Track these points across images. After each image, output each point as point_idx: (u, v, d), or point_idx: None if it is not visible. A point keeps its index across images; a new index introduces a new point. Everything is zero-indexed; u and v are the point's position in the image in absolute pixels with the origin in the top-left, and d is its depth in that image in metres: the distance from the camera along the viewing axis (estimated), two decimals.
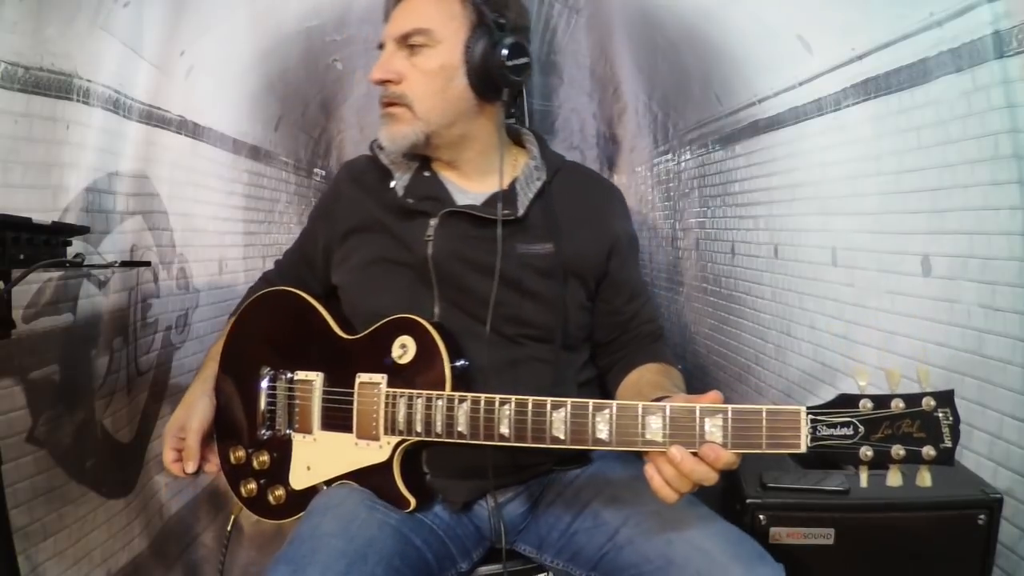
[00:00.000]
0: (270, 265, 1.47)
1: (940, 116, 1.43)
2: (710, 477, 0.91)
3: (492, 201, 1.23)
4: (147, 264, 1.88)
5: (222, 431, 1.28)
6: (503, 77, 1.20)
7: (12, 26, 1.35)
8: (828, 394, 1.78)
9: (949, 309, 1.44)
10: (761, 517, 1.24)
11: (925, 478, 0.87)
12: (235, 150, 2.33)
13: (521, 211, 1.22)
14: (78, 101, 1.54)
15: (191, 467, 1.22)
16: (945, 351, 1.45)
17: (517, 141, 1.35)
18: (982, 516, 1.21)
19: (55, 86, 1.47)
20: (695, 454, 0.91)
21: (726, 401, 0.96)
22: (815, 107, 1.77)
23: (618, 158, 2.74)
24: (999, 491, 1.23)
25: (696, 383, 1.40)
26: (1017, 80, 1.26)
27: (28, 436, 1.45)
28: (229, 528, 1.33)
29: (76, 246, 1.32)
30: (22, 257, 1.15)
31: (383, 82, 1.21)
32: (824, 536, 1.24)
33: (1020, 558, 1.32)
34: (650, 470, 0.95)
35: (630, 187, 2.76)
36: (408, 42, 1.20)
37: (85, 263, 1.28)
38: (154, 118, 1.86)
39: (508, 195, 1.24)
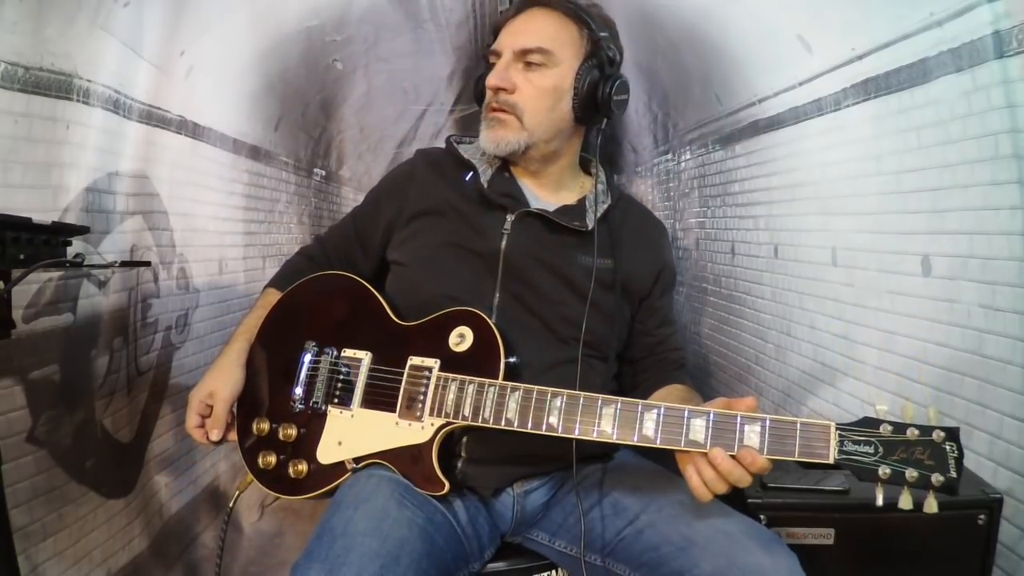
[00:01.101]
0: (271, 265, 1.48)
1: (940, 116, 1.43)
2: (745, 479, 0.97)
3: (563, 211, 1.34)
4: (147, 264, 1.88)
5: (247, 402, 1.30)
6: (607, 109, 1.30)
7: (12, 26, 1.35)
8: (828, 394, 1.79)
9: (949, 309, 1.44)
10: (762, 517, 1.24)
11: (932, 505, 0.94)
12: (235, 150, 2.32)
13: (590, 226, 1.31)
14: (78, 101, 1.54)
15: (216, 435, 1.25)
16: (945, 351, 1.45)
17: (583, 166, 1.46)
18: (982, 516, 1.21)
19: (55, 86, 1.47)
20: (733, 457, 0.97)
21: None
22: (815, 107, 1.77)
23: (618, 158, 2.74)
24: (999, 491, 1.23)
25: (696, 383, 1.41)
26: (1017, 80, 1.26)
27: (28, 436, 1.45)
28: (232, 504, 1.33)
29: (76, 246, 1.33)
30: (22, 257, 1.15)
31: (498, 89, 1.29)
32: (824, 536, 1.24)
33: (1020, 558, 1.32)
34: (690, 470, 1.01)
35: (630, 187, 2.76)
36: (526, 58, 1.29)
37: (85, 263, 1.28)
38: (154, 118, 1.86)
39: (578, 210, 1.34)
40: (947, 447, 0.93)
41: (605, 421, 1.04)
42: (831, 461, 0.95)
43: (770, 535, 1.08)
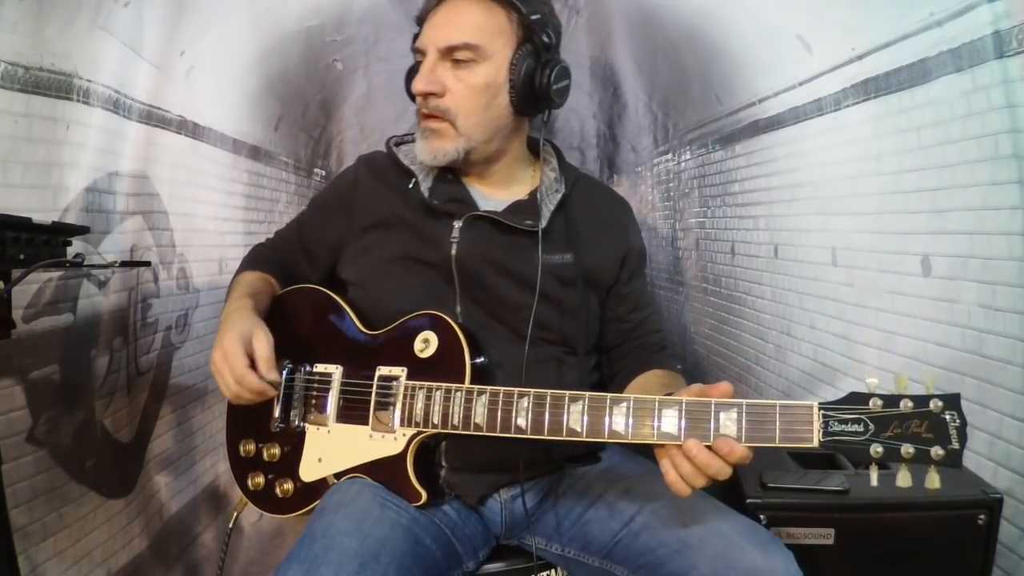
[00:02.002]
0: None
1: (940, 116, 1.43)
2: (724, 471, 0.92)
3: (514, 209, 1.26)
4: (147, 264, 1.88)
5: (232, 424, 1.29)
6: (548, 99, 1.22)
7: (12, 26, 1.35)
8: (828, 394, 1.79)
9: (949, 309, 1.44)
10: (761, 517, 1.24)
11: (934, 479, 0.87)
12: (235, 150, 2.33)
13: (544, 222, 1.23)
14: (78, 101, 1.54)
15: (275, 374, 1.14)
16: (945, 351, 1.45)
17: (534, 151, 1.36)
18: (982, 516, 1.21)
19: (55, 86, 1.47)
20: (709, 448, 0.92)
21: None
22: (815, 107, 1.78)
23: (618, 158, 2.74)
24: (999, 491, 1.23)
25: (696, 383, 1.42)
26: (1017, 80, 1.26)
27: (28, 436, 1.45)
28: (231, 525, 1.33)
29: (76, 246, 1.32)
30: (22, 257, 1.15)
31: (427, 94, 1.19)
32: (824, 536, 1.24)
33: (1020, 558, 1.32)
34: (666, 464, 0.96)
35: (630, 187, 2.76)
36: (454, 56, 1.18)
37: (85, 263, 1.28)
38: (154, 118, 1.86)
39: (530, 205, 1.26)
40: (947, 416, 0.85)
41: (573, 419, 1.00)
42: (815, 444, 0.88)
43: (767, 535, 1.05)
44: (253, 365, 1.14)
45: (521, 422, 1.03)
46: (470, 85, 1.19)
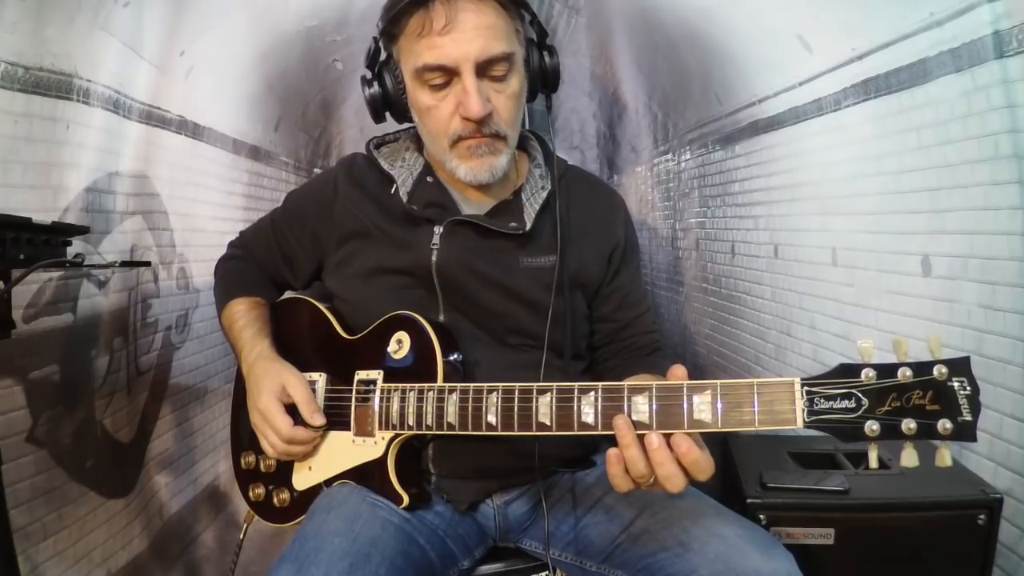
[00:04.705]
0: None
1: (940, 116, 1.43)
2: (675, 477, 0.86)
3: (498, 210, 1.22)
4: (147, 264, 1.88)
5: (235, 437, 1.31)
6: (554, 84, 1.20)
7: (12, 26, 1.35)
8: None
9: (949, 309, 1.44)
10: (761, 517, 1.24)
11: (945, 456, 0.77)
12: (235, 150, 2.33)
13: (529, 224, 1.19)
14: (78, 101, 1.54)
15: (320, 419, 1.15)
16: (945, 351, 1.44)
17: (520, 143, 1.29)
18: (982, 516, 1.21)
19: (55, 86, 1.47)
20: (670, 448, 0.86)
21: None
22: (815, 107, 1.78)
23: (618, 158, 2.74)
24: (999, 491, 1.23)
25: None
26: (1017, 80, 1.26)
27: (28, 436, 1.45)
28: (242, 536, 1.34)
29: (76, 246, 1.33)
30: (22, 257, 1.15)
31: (482, 119, 1.11)
32: (824, 536, 1.24)
33: (1020, 558, 1.32)
34: (612, 455, 0.90)
35: (630, 187, 2.76)
36: (491, 72, 1.11)
37: (85, 263, 1.28)
38: (154, 118, 1.86)
39: (514, 206, 1.23)
40: (954, 384, 0.75)
41: (542, 412, 0.96)
42: (799, 425, 0.79)
43: (768, 537, 1.04)
44: (292, 412, 1.16)
45: (491, 419, 1.00)
46: (510, 95, 1.14)
